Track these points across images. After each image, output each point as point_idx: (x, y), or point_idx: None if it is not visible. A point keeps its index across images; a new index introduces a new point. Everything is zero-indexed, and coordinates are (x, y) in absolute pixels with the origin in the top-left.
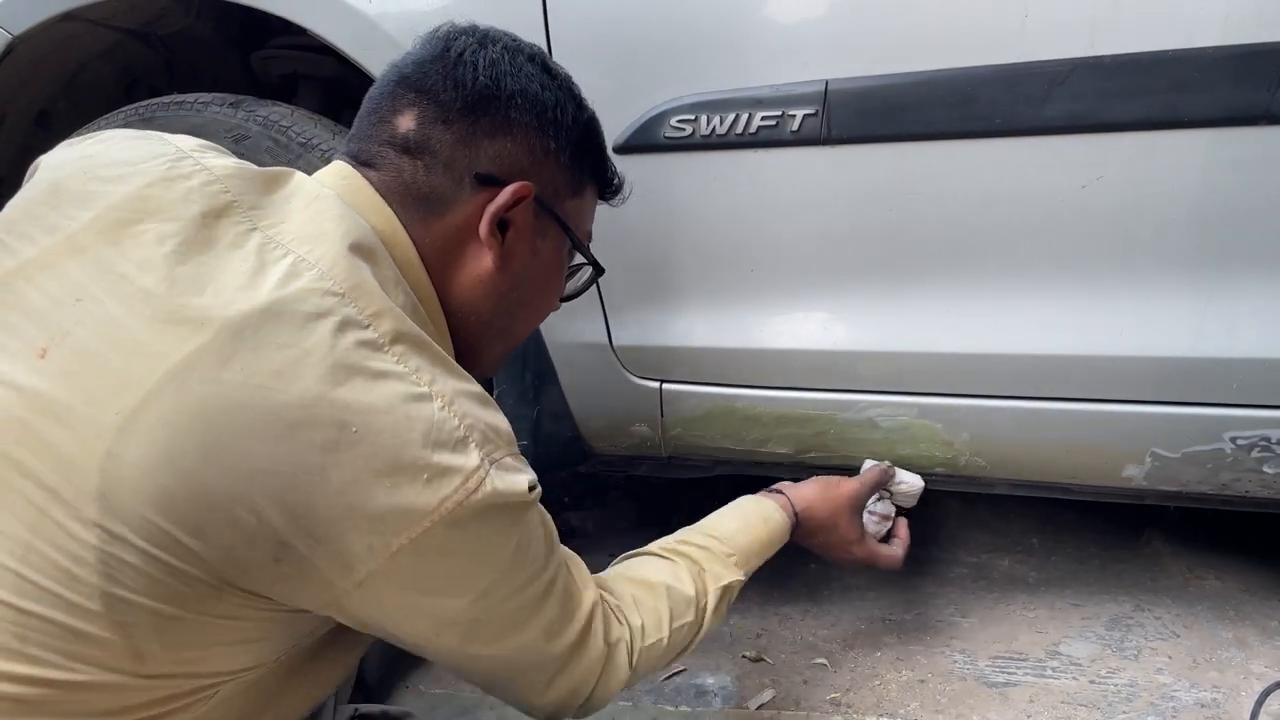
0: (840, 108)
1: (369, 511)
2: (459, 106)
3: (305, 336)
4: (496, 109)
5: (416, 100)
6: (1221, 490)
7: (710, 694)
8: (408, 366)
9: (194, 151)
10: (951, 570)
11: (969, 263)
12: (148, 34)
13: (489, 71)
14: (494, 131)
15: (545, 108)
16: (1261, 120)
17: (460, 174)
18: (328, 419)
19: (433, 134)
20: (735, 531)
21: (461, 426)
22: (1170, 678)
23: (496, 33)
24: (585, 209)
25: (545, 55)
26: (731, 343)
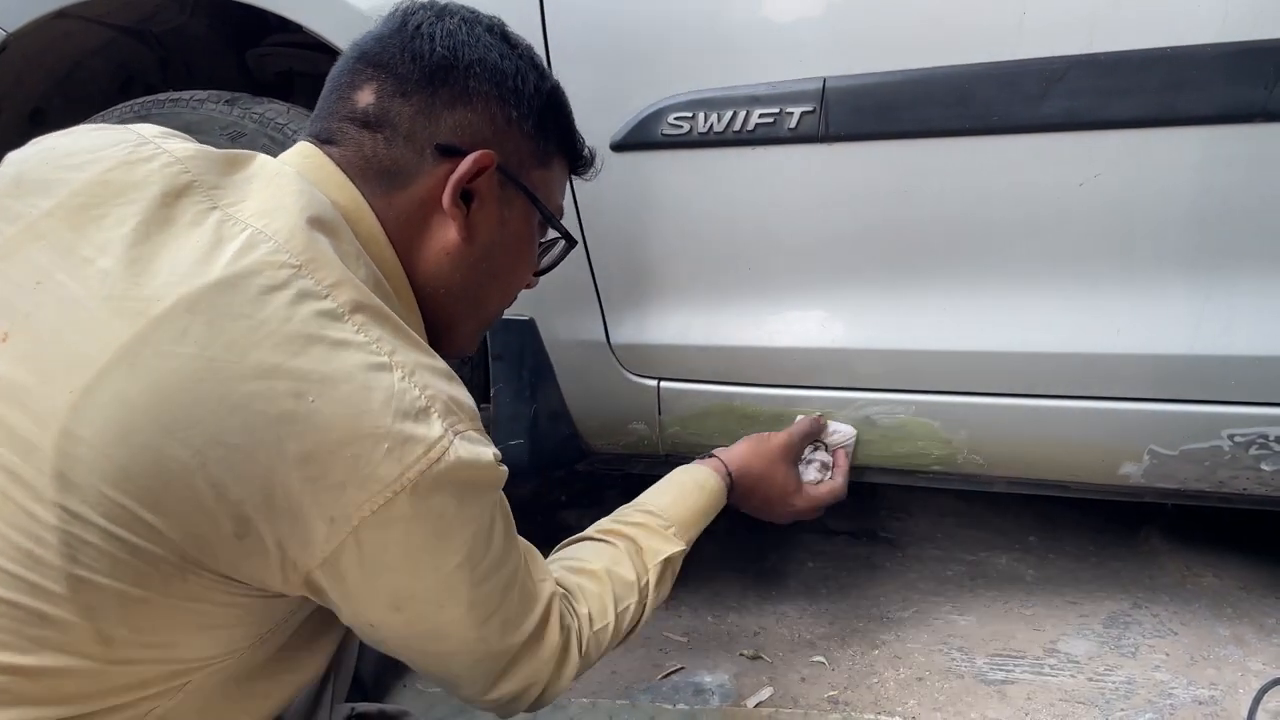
0: (838, 105)
1: (329, 483)
2: (417, 78)
3: (261, 307)
4: (455, 79)
5: (375, 75)
6: (1219, 488)
7: (708, 692)
8: (368, 336)
9: (155, 137)
10: (949, 568)
11: (966, 260)
12: (143, 31)
13: (446, 42)
14: (453, 102)
15: (505, 76)
16: (1258, 118)
17: (421, 146)
18: (284, 389)
19: (392, 107)
20: (671, 503)
21: (423, 397)
22: (1168, 675)
23: (454, 6)
24: (554, 181)
25: (504, 25)
26: (729, 341)
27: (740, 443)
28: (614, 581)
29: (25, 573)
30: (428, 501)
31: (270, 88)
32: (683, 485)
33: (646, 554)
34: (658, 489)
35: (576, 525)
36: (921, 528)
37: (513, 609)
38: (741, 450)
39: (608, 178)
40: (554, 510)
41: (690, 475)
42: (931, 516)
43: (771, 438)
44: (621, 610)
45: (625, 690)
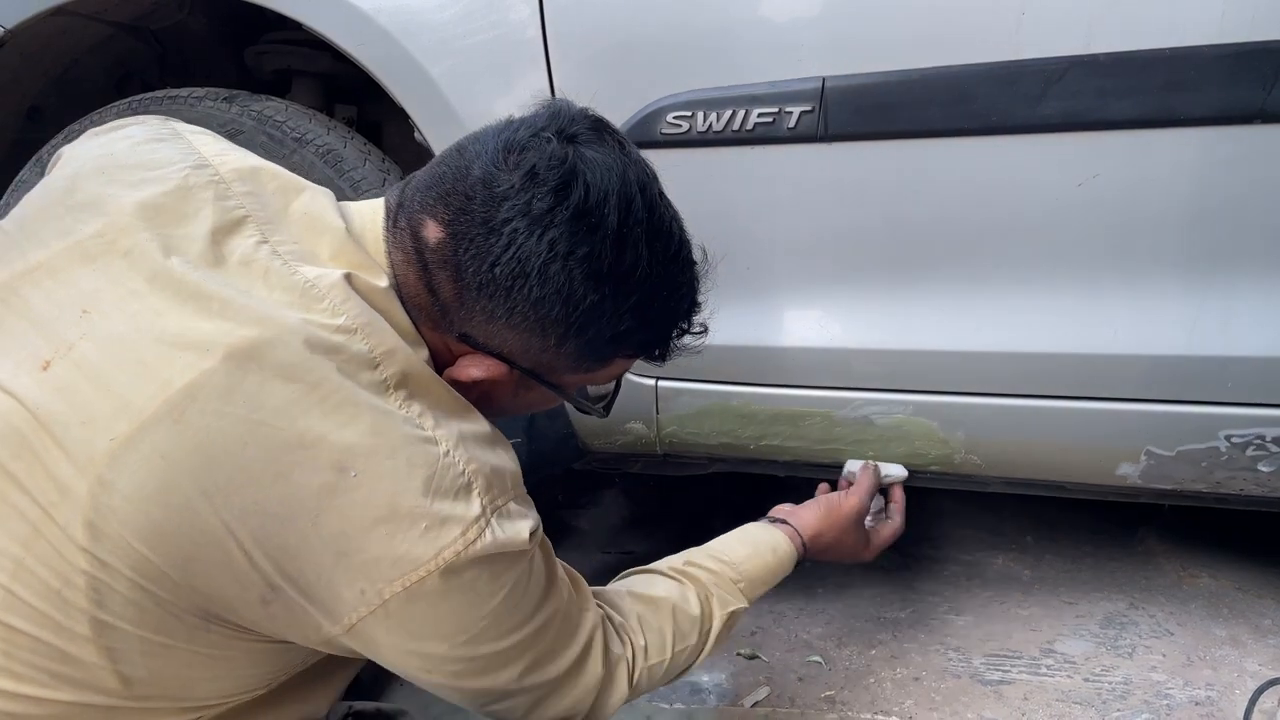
0: (837, 105)
1: (362, 559)
2: (470, 273)
3: (311, 371)
4: (500, 301)
5: (446, 226)
6: (1216, 488)
7: (705, 691)
8: (411, 411)
9: (214, 157)
10: (946, 568)
11: (965, 260)
12: (140, 28)
13: (512, 266)
14: (491, 315)
15: (555, 322)
16: (1256, 119)
17: (450, 318)
18: (327, 462)
19: (441, 272)
20: (744, 559)
21: (466, 472)
22: (1164, 675)
23: (573, 205)
24: (599, 376)
25: (609, 255)
26: (727, 340)
27: (810, 507)
28: (677, 618)
29: (52, 611)
30: (460, 578)
31: (268, 85)
32: (758, 544)
33: (715, 602)
34: (733, 541)
35: (574, 524)
36: (918, 528)
37: (548, 646)
38: (813, 519)
39: None
40: (552, 510)
41: (766, 536)
42: (928, 517)
43: (844, 504)
44: (679, 649)
45: None
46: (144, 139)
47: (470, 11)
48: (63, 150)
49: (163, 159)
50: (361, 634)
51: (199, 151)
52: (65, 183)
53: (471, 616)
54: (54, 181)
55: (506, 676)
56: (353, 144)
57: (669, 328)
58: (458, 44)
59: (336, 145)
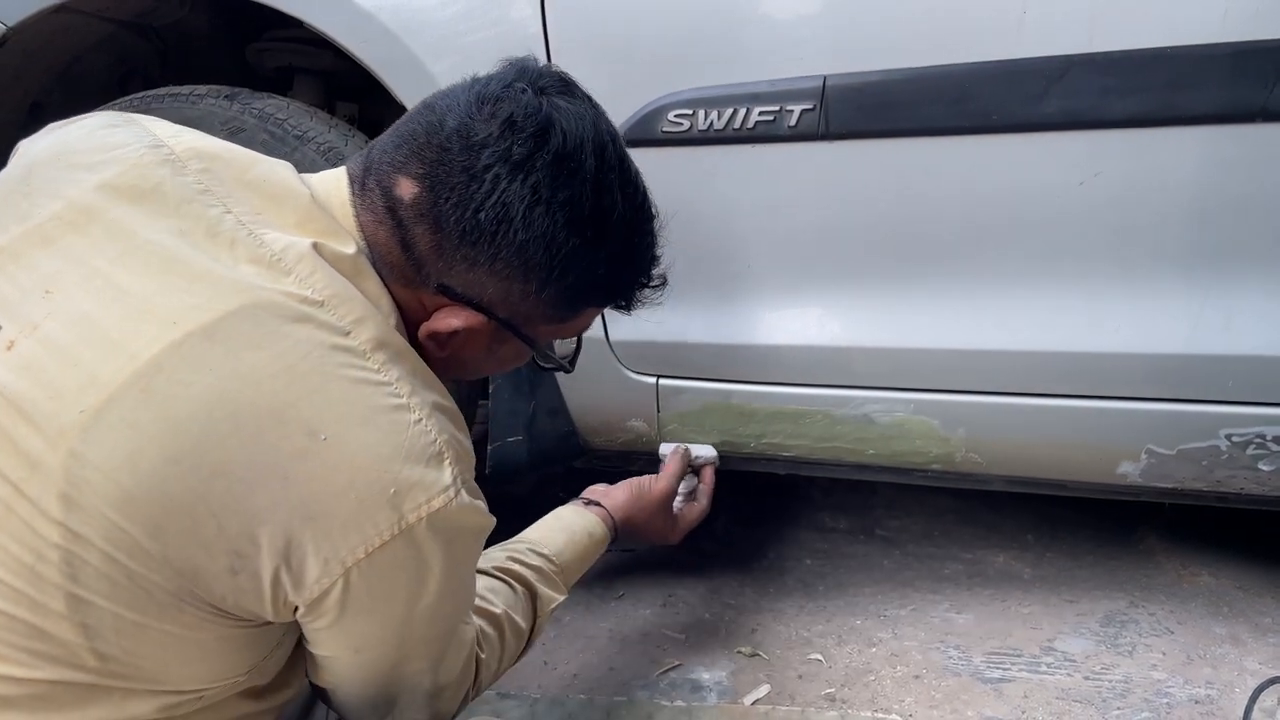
0: (838, 103)
1: (331, 524)
2: (452, 221)
3: (281, 339)
4: (484, 247)
5: (421, 180)
6: (1216, 487)
7: (705, 689)
8: (387, 376)
9: (169, 138)
10: (946, 566)
11: (966, 259)
12: (142, 26)
13: (496, 211)
14: (474, 262)
15: (539, 266)
16: (1258, 117)
17: (426, 272)
18: (298, 425)
19: (417, 226)
20: (563, 548)
21: (438, 441)
22: (1164, 674)
23: (552, 150)
24: (570, 327)
25: (588, 199)
26: (728, 338)
27: (622, 490)
28: (509, 628)
29: (26, 587)
30: (420, 547)
31: (270, 83)
32: (574, 531)
33: (541, 600)
34: (551, 529)
35: None
36: (919, 526)
37: (455, 647)
38: (624, 500)
39: None
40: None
41: (581, 520)
42: (929, 515)
43: (653, 487)
44: (509, 655)
45: (623, 687)
46: (98, 126)
47: (472, 9)
48: (21, 143)
49: (118, 141)
50: (319, 608)
51: (153, 132)
52: (21, 171)
53: (419, 592)
54: (10, 171)
55: (411, 670)
56: (354, 142)
57: (638, 275)
58: (459, 41)
59: (338, 143)
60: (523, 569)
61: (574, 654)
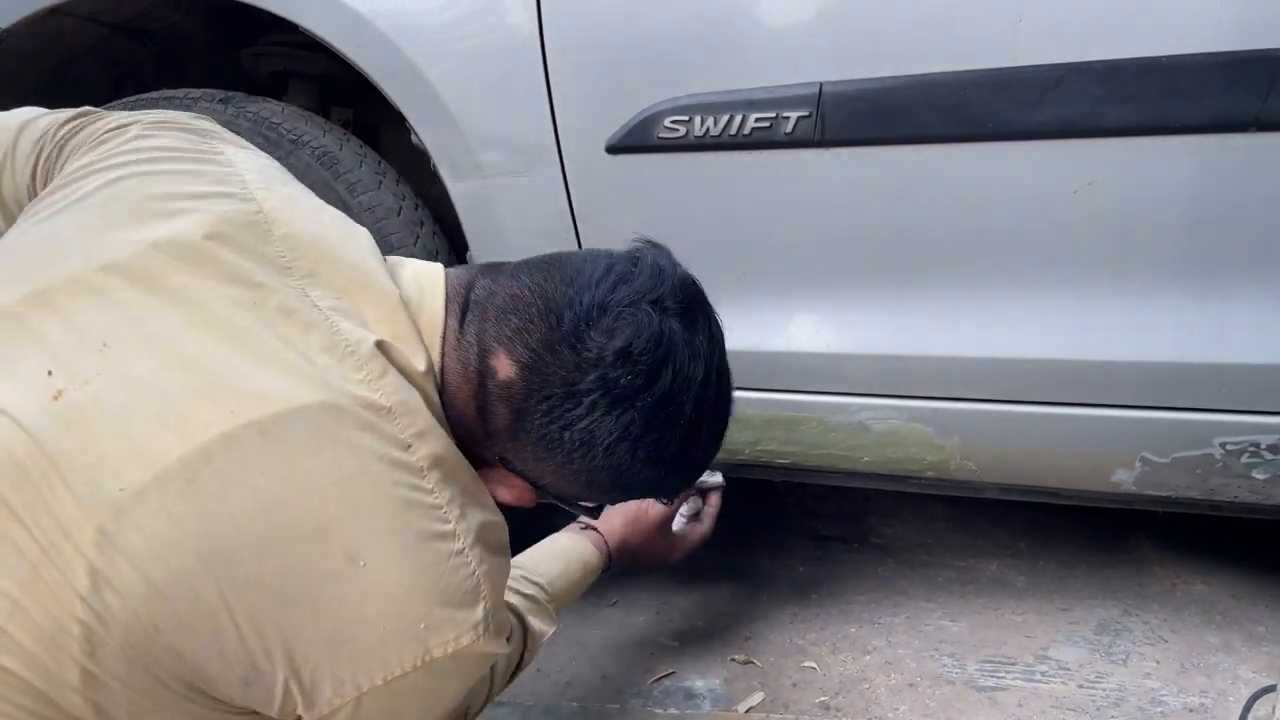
0: (834, 110)
1: (354, 650)
2: (536, 423)
3: (339, 447)
4: (558, 458)
5: (521, 368)
6: (1210, 495)
7: (699, 697)
8: (439, 499)
9: (258, 189)
10: (939, 574)
11: (961, 266)
12: (137, 30)
13: (583, 435)
14: (542, 460)
15: (605, 486)
16: (1252, 126)
17: (494, 443)
18: (340, 545)
19: (500, 407)
20: (556, 577)
21: (476, 574)
22: (1158, 683)
23: (657, 393)
24: None
25: (673, 443)
26: None
27: (618, 513)
28: (500, 664)
29: (44, 655)
30: (438, 677)
31: (264, 87)
32: (568, 561)
33: (532, 635)
34: (545, 555)
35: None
36: (912, 534)
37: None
38: (620, 525)
39: (603, 180)
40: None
41: (576, 549)
42: (922, 522)
43: (649, 512)
44: (497, 687)
45: (616, 694)
46: (185, 153)
47: (468, 14)
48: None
49: (204, 189)
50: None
51: (244, 179)
52: (97, 194)
53: (432, 705)
54: (84, 187)
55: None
56: (349, 146)
57: (687, 481)
58: (455, 47)
59: (333, 147)
60: (516, 598)
61: (567, 661)
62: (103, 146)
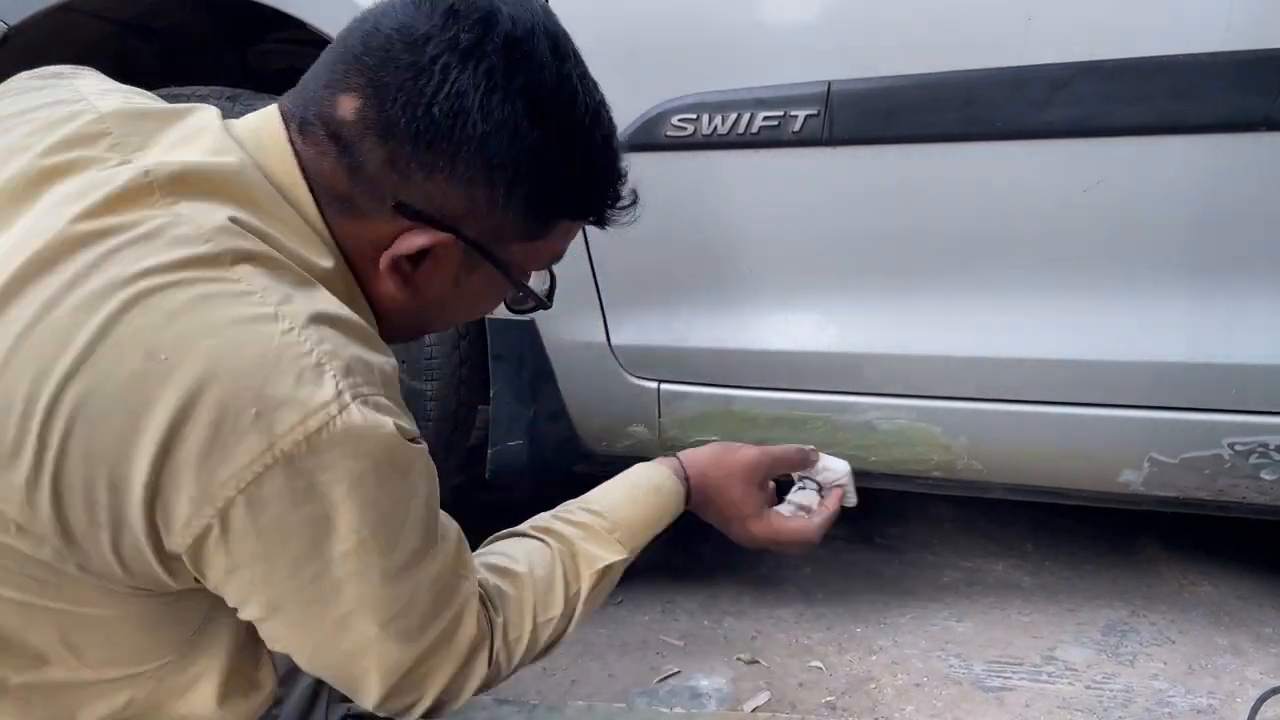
0: (842, 109)
1: (186, 456)
2: (403, 126)
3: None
4: (442, 148)
5: (364, 91)
6: (1219, 496)
7: (705, 696)
8: (251, 285)
9: (92, 95)
10: (946, 575)
11: (969, 265)
12: (143, 27)
13: (450, 103)
14: (432, 169)
15: (504, 164)
16: (1261, 126)
17: (383, 193)
18: (131, 344)
19: (365, 142)
20: (619, 503)
21: (316, 352)
22: (1166, 683)
23: (501, 35)
24: (544, 246)
25: (548, 85)
26: (730, 343)
27: (707, 446)
28: (537, 588)
29: None
30: (308, 479)
31: (272, 84)
32: (635, 485)
33: (581, 560)
34: (608, 486)
35: None
36: (919, 534)
37: (421, 611)
38: (704, 455)
39: None
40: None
41: (646, 475)
42: (929, 522)
43: (739, 450)
44: (542, 621)
45: (622, 694)
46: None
47: None
48: None
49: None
50: (200, 556)
51: (77, 90)
52: None
53: (325, 530)
54: None
55: (365, 636)
56: None
57: (609, 180)
58: None
59: None
60: (564, 525)
61: (573, 660)
62: None
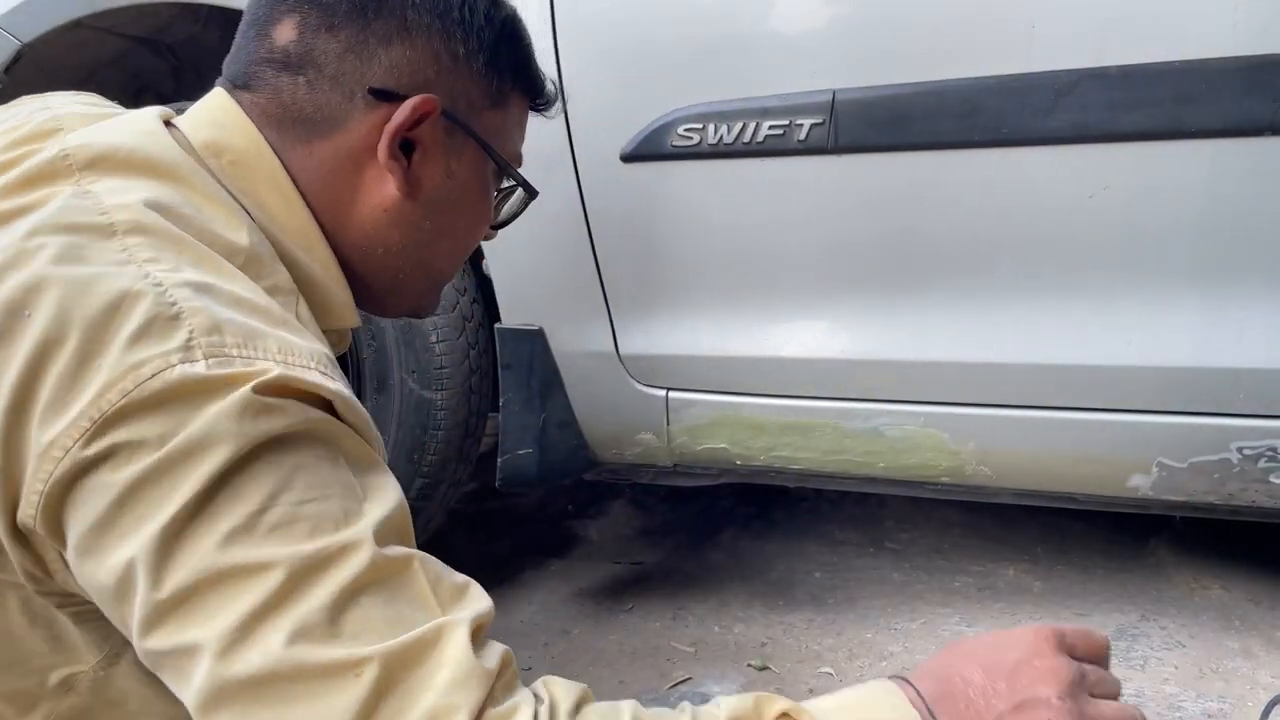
0: (847, 117)
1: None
2: (345, 8)
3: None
4: (390, 9)
5: (297, 5)
6: (1228, 500)
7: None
8: (130, 255)
9: (57, 103)
10: (956, 579)
11: (975, 272)
12: (156, 42)
13: None
14: (389, 37)
15: (449, 5)
16: (1267, 131)
17: (351, 88)
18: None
19: (316, 44)
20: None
21: (176, 307)
22: (1177, 688)
23: None
24: (510, 123)
25: None
26: (738, 351)
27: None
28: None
29: None
30: (141, 427)
31: None
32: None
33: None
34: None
35: (583, 535)
36: (928, 539)
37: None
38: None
39: (617, 188)
40: (560, 519)
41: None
42: (938, 528)
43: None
44: None
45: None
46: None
47: None
48: None
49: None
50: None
51: (46, 104)
52: None
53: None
54: None
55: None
56: None
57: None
58: None
59: None
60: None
61: (583, 668)
62: None
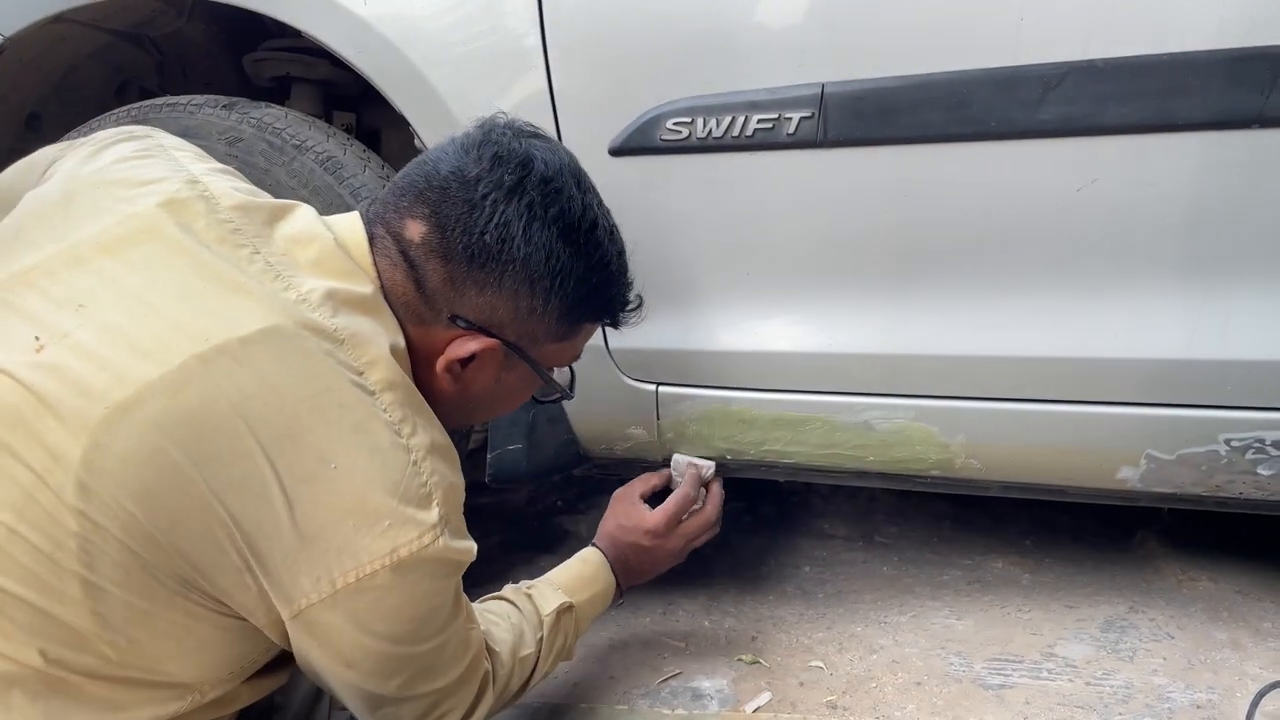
0: (836, 110)
1: (325, 547)
2: (460, 250)
3: (310, 364)
4: (492, 268)
5: (429, 219)
6: (1216, 492)
7: (706, 697)
8: (393, 416)
9: (203, 176)
10: (945, 573)
11: (964, 265)
12: (139, 36)
13: (499, 231)
14: (483, 285)
15: (542, 278)
16: (1254, 123)
17: (440, 306)
18: (313, 450)
19: (429, 263)
20: (555, 573)
21: (429, 483)
22: (1165, 679)
23: (537, 176)
24: (575, 346)
25: (575, 214)
26: (727, 345)
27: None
28: (515, 631)
29: (44, 573)
30: (406, 577)
31: (267, 92)
32: (567, 562)
33: (539, 601)
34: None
35: (573, 530)
36: (918, 532)
37: (446, 658)
38: (607, 523)
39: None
40: (550, 515)
41: (575, 556)
42: (928, 521)
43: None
44: (524, 656)
45: (623, 695)
46: (132, 155)
47: (469, 18)
48: (51, 155)
49: (153, 175)
50: (306, 620)
51: (188, 170)
52: (61, 194)
53: (405, 615)
54: (50, 192)
55: (405, 679)
56: (352, 150)
57: (623, 287)
58: (457, 51)
59: (336, 152)
60: (518, 591)
61: (574, 663)
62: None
